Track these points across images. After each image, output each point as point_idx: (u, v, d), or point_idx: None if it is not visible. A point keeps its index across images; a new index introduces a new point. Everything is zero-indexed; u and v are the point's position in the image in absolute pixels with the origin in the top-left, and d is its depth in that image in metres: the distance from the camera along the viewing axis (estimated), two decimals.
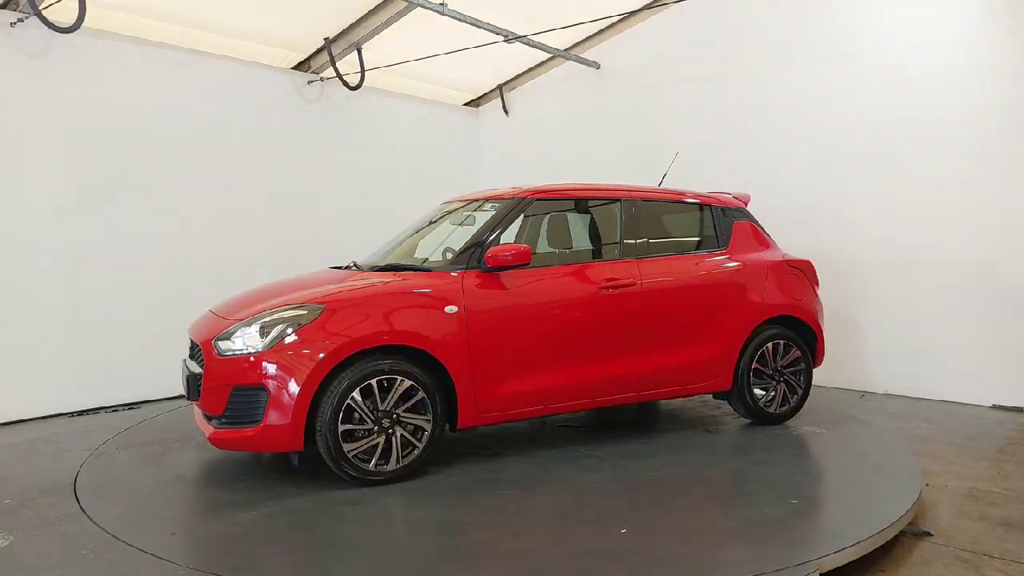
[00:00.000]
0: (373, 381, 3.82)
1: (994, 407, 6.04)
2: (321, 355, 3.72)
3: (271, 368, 3.72)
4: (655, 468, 4.16)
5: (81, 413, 5.77)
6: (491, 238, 4.35)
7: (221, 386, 3.82)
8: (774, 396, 5.10)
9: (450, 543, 3.27)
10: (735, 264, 5.05)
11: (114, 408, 5.95)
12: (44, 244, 5.64)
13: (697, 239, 5.17)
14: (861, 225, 6.58)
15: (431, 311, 4.02)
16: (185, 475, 4.18)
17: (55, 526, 3.43)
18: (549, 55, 8.21)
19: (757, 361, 5.00)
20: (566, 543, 3.16)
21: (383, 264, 4.65)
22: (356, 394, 3.78)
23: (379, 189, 8.07)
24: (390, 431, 3.89)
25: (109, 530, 3.34)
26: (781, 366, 5.10)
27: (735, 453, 4.52)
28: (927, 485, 4.13)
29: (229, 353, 3.83)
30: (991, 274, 6.01)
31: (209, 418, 3.96)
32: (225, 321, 4.05)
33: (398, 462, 3.92)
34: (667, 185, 5.63)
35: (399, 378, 3.87)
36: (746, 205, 5.46)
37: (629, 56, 8.08)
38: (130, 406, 6.02)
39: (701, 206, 5.24)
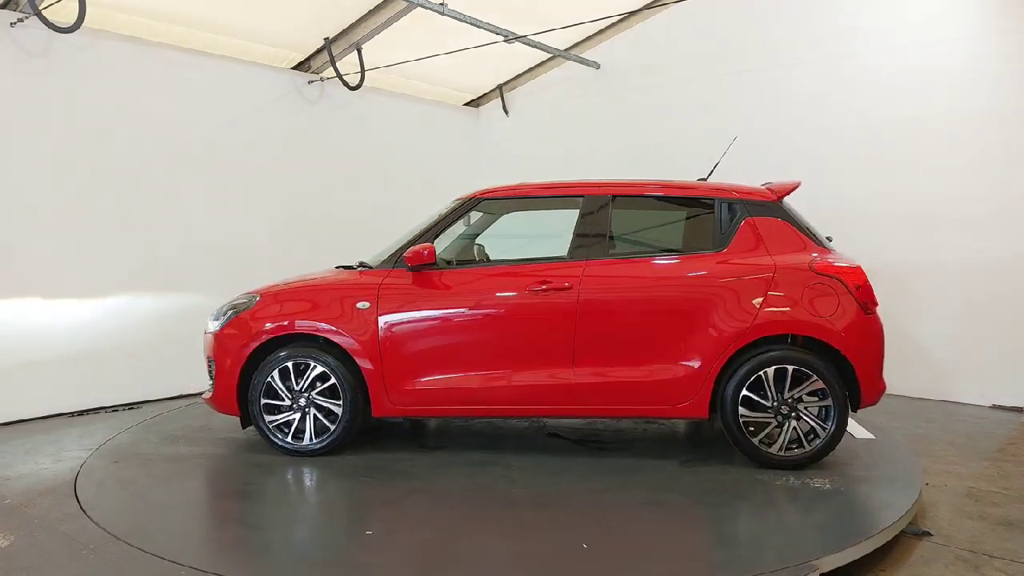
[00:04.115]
0: (290, 364, 4.38)
1: (994, 407, 6.04)
2: (245, 338, 4.41)
3: (216, 345, 4.51)
4: (534, 486, 3.92)
5: (81, 413, 5.77)
6: (423, 238, 4.49)
7: (206, 357, 4.64)
8: (779, 435, 4.14)
9: (222, 510, 3.80)
10: (717, 269, 4.26)
11: (114, 408, 5.95)
12: (44, 244, 5.63)
13: (682, 239, 4.55)
14: (860, 226, 6.57)
15: (345, 306, 4.39)
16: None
17: (55, 526, 3.44)
18: (549, 55, 8.21)
19: (751, 389, 4.14)
20: (303, 530, 3.44)
21: (359, 263, 4.80)
22: (275, 373, 4.39)
23: (379, 189, 8.07)
24: (306, 410, 4.42)
25: (109, 530, 3.34)
26: (793, 398, 4.12)
27: (657, 487, 3.89)
28: (927, 485, 4.13)
29: (209, 331, 4.61)
30: (991, 274, 6.01)
31: None
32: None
33: (312, 440, 4.43)
34: (715, 177, 5.00)
35: (312, 363, 4.37)
36: (779, 197, 4.46)
37: (629, 56, 8.08)
38: (130, 406, 6.02)
39: (697, 201, 4.50)
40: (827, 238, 4.59)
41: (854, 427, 4.97)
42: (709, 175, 5.00)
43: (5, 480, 4.15)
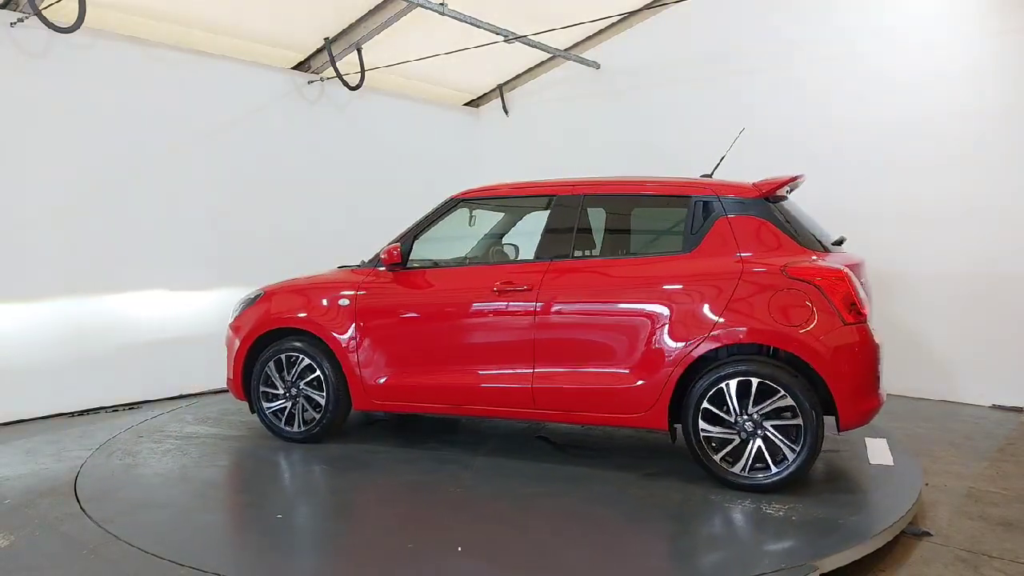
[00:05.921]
0: (283, 356, 4.69)
1: (994, 407, 6.04)
2: (246, 329, 4.78)
3: (228, 335, 4.94)
4: (476, 487, 3.95)
5: (81, 413, 5.77)
6: (403, 238, 4.61)
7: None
8: (742, 454, 3.79)
9: (180, 486, 4.04)
10: (679, 272, 4.00)
11: (114, 408, 5.94)
12: (44, 244, 5.63)
13: (652, 240, 4.47)
14: (860, 225, 6.51)
15: (331, 303, 4.63)
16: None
17: (55, 526, 3.44)
18: (549, 55, 8.21)
19: (711, 402, 3.82)
20: (222, 508, 3.79)
21: (360, 263, 4.96)
22: (271, 364, 4.72)
23: (379, 189, 8.06)
24: (296, 399, 4.71)
25: (109, 530, 3.35)
26: (759, 414, 3.76)
27: (592, 499, 3.77)
28: (927, 485, 4.14)
29: (228, 322, 5.00)
30: (991, 274, 6.01)
31: None
32: None
33: (300, 427, 4.73)
34: (719, 173, 4.85)
35: (300, 356, 4.64)
36: (763, 194, 4.08)
37: (629, 56, 8.08)
38: (130, 406, 6.02)
39: (670, 199, 4.26)
40: (838, 240, 4.37)
41: (874, 449, 4.55)
42: (713, 171, 4.91)
43: (5, 480, 4.15)
